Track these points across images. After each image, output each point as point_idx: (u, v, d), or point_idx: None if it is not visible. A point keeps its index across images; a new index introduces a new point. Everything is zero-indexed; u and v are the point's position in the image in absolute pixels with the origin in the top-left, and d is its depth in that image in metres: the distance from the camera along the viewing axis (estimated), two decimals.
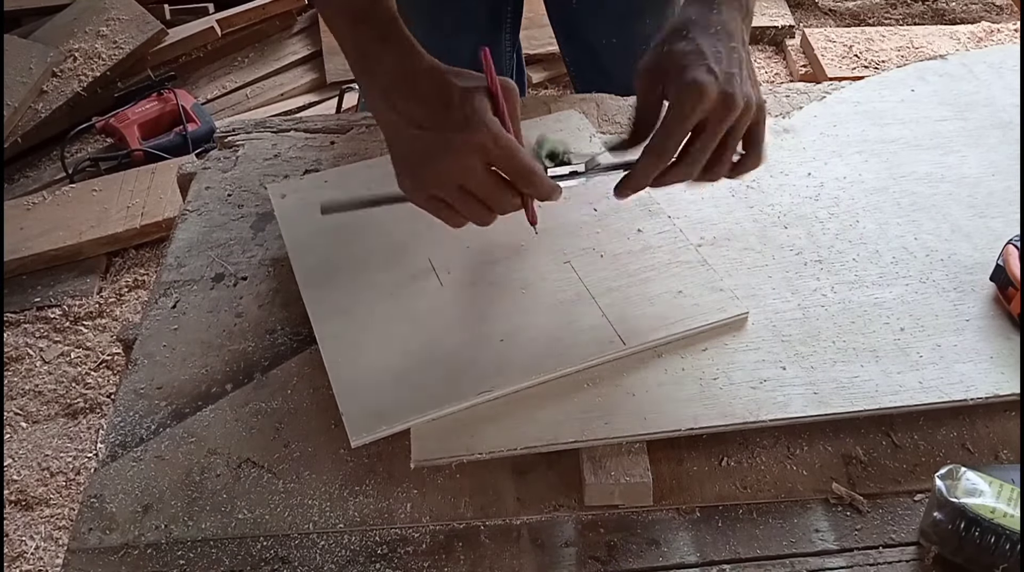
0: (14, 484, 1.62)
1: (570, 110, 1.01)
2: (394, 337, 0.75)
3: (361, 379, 0.71)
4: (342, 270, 0.81)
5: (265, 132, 1.04)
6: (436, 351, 0.73)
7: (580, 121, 0.99)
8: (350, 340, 0.75)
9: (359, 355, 0.73)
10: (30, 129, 2.30)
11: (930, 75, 1.06)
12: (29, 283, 1.99)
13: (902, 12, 2.89)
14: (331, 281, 0.80)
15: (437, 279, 0.80)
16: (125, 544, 0.65)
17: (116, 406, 0.74)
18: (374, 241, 0.84)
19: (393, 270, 0.81)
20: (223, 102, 2.49)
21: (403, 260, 0.82)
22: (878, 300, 0.78)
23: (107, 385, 1.79)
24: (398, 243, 0.83)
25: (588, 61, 1.27)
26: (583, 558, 0.64)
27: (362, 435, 0.67)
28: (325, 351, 0.74)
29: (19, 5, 2.60)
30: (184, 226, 0.92)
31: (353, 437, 0.67)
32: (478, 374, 0.71)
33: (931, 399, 0.70)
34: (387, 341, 0.74)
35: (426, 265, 0.81)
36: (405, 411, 0.68)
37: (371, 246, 0.83)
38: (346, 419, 0.68)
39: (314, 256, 0.83)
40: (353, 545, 0.65)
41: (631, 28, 1.20)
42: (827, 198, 0.89)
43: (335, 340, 0.75)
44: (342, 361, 0.73)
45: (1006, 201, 0.88)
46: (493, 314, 0.76)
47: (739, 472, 0.68)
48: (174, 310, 0.82)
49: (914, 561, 0.63)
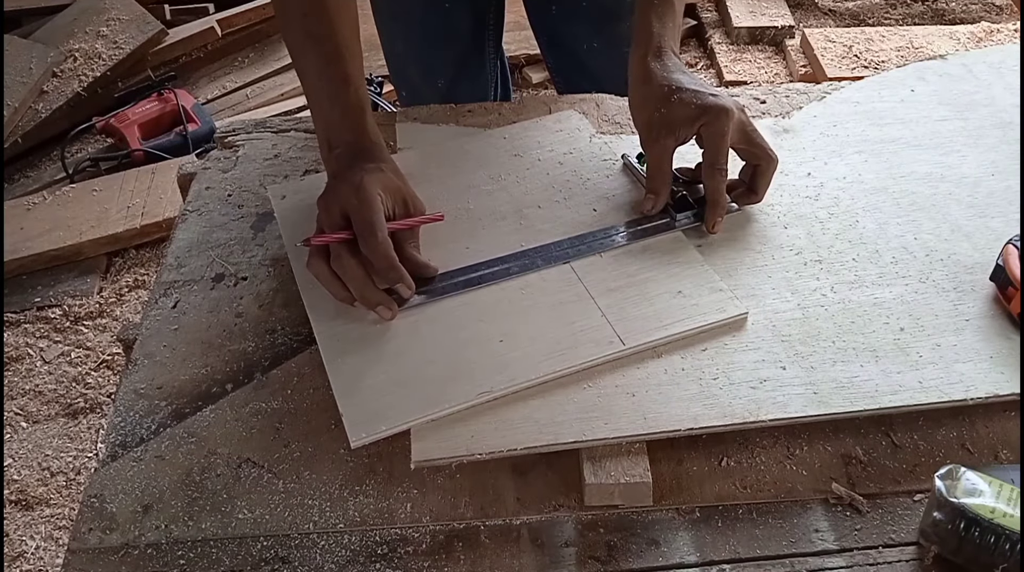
0: (14, 484, 1.62)
1: (569, 110, 1.02)
2: (393, 338, 0.75)
3: (360, 379, 0.71)
4: None
5: (265, 132, 1.04)
6: (435, 351, 0.73)
7: (579, 122, 0.99)
8: (349, 340, 0.75)
9: (358, 356, 0.73)
10: (30, 129, 2.30)
11: (930, 75, 1.07)
12: (29, 283, 1.99)
13: (902, 12, 2.89)
14: None
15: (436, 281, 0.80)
16: (125, 544, 0.65)
17: (116, 406, 0.75)
18: None
19: None
20: (223, 102, 2.49)
21: None
22: (878, 300, 0.78)
23: (107, 385, 1.79)
24: None
25: (572, 66, 1.28)
26: (583, 558, 0.64)
27: (362, 436, 0.67)
28: (324, 351, 0.74)
29: (19, 5, 2.60)
30: (184, 226, 0.92)
31: (353, 438, 0.67)
32: (478, 374, 0.71)
33: (931, 399, 0.70)
34: (386, 342, 0.74)
35: None
36: (405, 412, 0.68)
37: None
38: (346, 420, 0.68)
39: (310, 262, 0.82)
40: (353, 545, 0.65)
41: (612, 31, 1.20)
42: (827, 198, 0.89)
43: (334, 340, 0.75)
44: (341, 361, 0.73)
45: (1006, 201, 0.88)
46: (492, 314, 0.76)
47: (739, 472, 0.68)
48: (174, 310, 0.82)
49: (914, 561, 0.63)
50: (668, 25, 0.87)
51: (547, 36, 1.28)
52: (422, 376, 0.71)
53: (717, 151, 0.81)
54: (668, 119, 0.82)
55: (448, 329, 0.75)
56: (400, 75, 1.34)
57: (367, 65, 2.62)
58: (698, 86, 0.83)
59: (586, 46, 1.22)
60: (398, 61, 1.31)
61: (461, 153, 0.95)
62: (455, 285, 0.79)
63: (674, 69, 0.84)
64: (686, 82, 0.83)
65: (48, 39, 2.45)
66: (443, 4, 1.19)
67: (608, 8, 1.19)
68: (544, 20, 1.26)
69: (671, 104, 0.82)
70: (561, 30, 1.25)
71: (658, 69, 0.84)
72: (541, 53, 1.33)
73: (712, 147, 0.81)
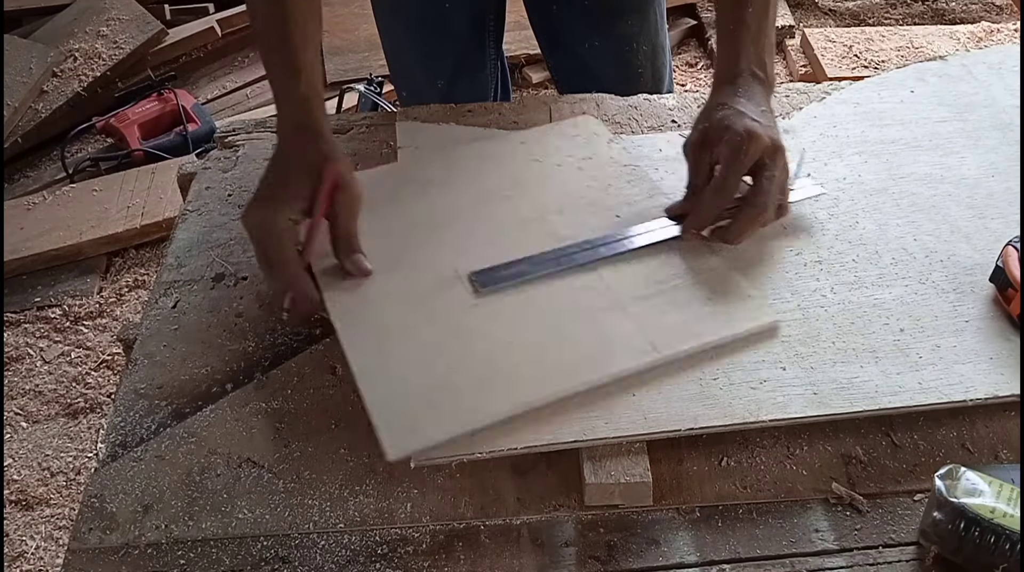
0: (14, 484, 1.62)
1: (586, 115, 1.00)
2: (425, 347, 0.72)
3: (394, 391, 0.69)
4: (367, 279, 0.79)
5: (265, 132, 1.04)
6: (469, 361, 0.71)
7: (597, 126, 0.98)
8: (380, 351, 0.73)
9: (390, 367, 0.71)
10: (30, 129, 2.30)
11: (930, 76, 1.07)
12: (29, 283, 1.99)
13: (902, 12, 2.89)
14: (356, 290, 0.78)
15: (463, 287, 0.78)
16: (125, 544, 0.65)
17: (116, 406, 0.75)
18: (397, 250, 0.82)
19: (418, 279, 0.79)
20: (223, 102, 2.49)
21: (427, 269, 0.80)
22: (877, 301, 0.78)
23: (107, 385, 1.79)
24: (421, 252, 0.82)
25: (573, 65, 1.27)
26: (583, 558, 0.64)
27: (400, 450, 0.65)
28: (355, 363, 0.71)
29: (19, 5, 2.60)
30: (184, 226, 0.92)
31: (391, 452, 0.65)
32: (516, 384, 0.69)
33: (930, 400, 0.70)
34: (418, 350, 0.72)
35: (451, 273, 0.79)
36: (445, 424, 0.66)
37: (394, 254, 0.81)
38: (382, 433, 0.66)
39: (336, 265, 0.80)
40: (353, 545, 0.65)
41: (613, 30, 1.20)
42: (826, 199, 0.89)
43: (364, 351, 0.72)
44: (374, 372, 0.70)
45: (1006, 202, 0.88)
46: (524, 323, 0.75)
47: (739, 472, 0.68)
48: (174, 310, 0.82)
49: (914, 561, 0.63)
50: (744, 40, 0.84)
51: (548, 35, 1.28)
52: (458, 385, 0.69)
53: (726, 166, 0.78)
54: (706, 134, 0.81)
55: (478, 337, 0.74)
56: (400, 75, 1.34)
57: (368, 65, 2.61)
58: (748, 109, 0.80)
59: (587, 45, 1.22)
60: (398, 61, 1.31)
61: (479, 158, 0.94)
62: (480, 293, 0.77)
63: (741, 94, 0.82)
64: (742, 107, 0.80)
65: (48, 39, 2.46)
66: (443, 4, 1.19)
67: (609, 6, 1.19)
68: (544, 19, 1.26)
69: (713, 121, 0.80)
70: (562, 29, 1.24)
71: (725, 94, 0.83)
72: (542, 53, 1.33)
73: (724, 161, 0.79)
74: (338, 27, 2.53)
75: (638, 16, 1.20)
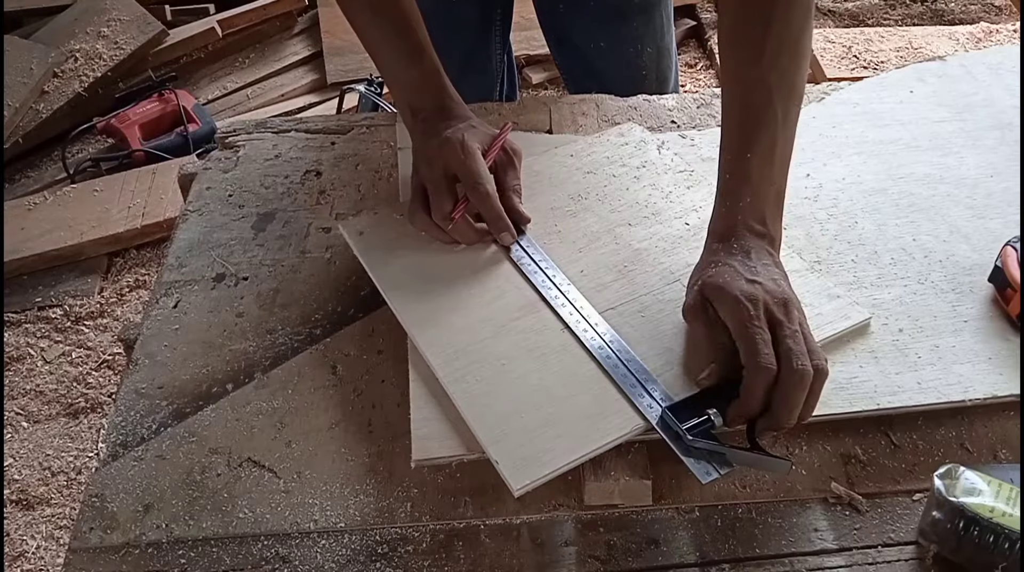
0: (15, 484, 1.62)
1: (631, 123, 0.99)
2: (525, 374, 0.71)
3: (505, 422, 0.67)
4: (444, 308, 0.77)
5: (266, 133, 1.04)
6: (570, 385, 0.70)
7: (642, 133, 0.97)
8: (478, 380, 0.71)
9: (493, 397, 0.69)
10: (31, 129, 2.30)
11: (929, 76, 1.07)
12: (30, 283, 1.99)
13: (901, 13, 2.89)
14: (438, 320, 0.76)
15: (547, 309, 0.76)
16: (126, 543, 0.65)
17: (117, 406, 0.75)
18: (468, 274, 0.80)
19: (497, 304, 0.77)
20: (224, 103, 2.49)
21: (504, 293, 0.78)
22: (877, 301, 0.78)
23: (108, 385, 1.80)
24: (492, 277, 0.80)
25: (579, 65, 1.27)
26: (583, 557, 0.64)
27: (524, 483, 0.63)
28: (458, 397, 0.69)
29: (20, 6, 2.60)
30: (185, 226, 0.92)
31: (516, 486, 0.63)
32: (620, 405, 0.68)
33: (929, 400, 0.70)
34: (518, 379, 0.71)
35: (532, 296, 0.77)
36: (559, 453, 0.65)
37: (466, 279, 0.80)
38: (503, 467, 0.64)
39: (411, 294, 0.78)
40: (353, 544, 0.65)
41: (618, 30, 1.20)
42: (826, 199, 0.89)
43: (463, 382, 0.70)
44: (479, 405, 0.69)
45: (1005, 202, 0.88)
46: (620, 339, 0.73)
47: (738, 472, 0.68)
48: (175, 310, 0.83)
49: (913, 560, 0.63)
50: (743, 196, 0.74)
51: (555, 35, 1.28)
52: (569, 412, 0.68)
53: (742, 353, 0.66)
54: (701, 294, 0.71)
55: (576, 361, 0.72)
56: None
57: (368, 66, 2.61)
58: (743, 268, 0.70)
59: (592, 45, 1.22)
60: None
61: (531, 174, 0.90)
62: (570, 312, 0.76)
63: (736, 250, 0.72)
64: (736, 263, 0.71)
65: (49, 39, 2.46)
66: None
67: (615, 8, 1.19)
68: (552, 19, 1.26)
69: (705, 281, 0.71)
70: (568, 28, 1.24)
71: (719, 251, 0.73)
72: (550, 52, 1.33)
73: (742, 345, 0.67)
74: (338, 27, 2.53)
75: (644, 18, 1.20)
